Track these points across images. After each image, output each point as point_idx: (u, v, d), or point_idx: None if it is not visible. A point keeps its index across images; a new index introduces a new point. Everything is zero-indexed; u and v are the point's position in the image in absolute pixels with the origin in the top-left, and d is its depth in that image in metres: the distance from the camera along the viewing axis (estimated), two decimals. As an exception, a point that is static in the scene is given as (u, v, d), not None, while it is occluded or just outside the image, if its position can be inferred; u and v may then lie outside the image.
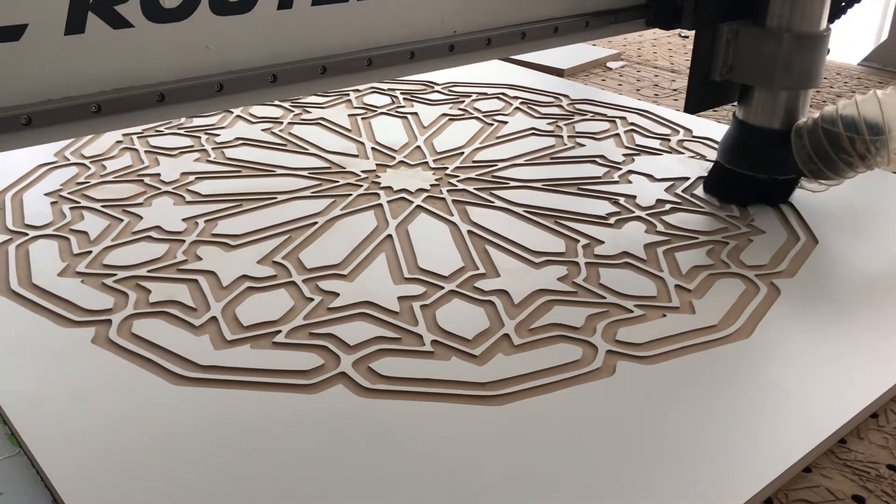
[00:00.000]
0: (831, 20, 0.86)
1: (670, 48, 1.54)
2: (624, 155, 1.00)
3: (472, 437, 0.55)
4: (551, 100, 1.18)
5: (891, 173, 0.96)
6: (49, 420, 0.55)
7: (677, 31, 1.66)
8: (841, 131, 0.79)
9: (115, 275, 0.72)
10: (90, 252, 0.76)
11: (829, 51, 0.84)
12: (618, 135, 1.06)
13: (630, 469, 0.52)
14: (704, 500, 0.50)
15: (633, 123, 1.10)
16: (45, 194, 0.87)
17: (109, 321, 0.66)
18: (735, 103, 0.90)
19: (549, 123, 1.09)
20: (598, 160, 0.98)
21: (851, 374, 0.62)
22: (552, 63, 1.37)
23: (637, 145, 1.03)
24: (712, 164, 0.92)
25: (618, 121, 1.10)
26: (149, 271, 0.73)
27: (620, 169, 0.96)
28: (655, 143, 1.04)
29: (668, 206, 0.87)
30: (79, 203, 0.85)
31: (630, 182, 0.93)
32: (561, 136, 1.05)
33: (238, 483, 0.50)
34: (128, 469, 0.51)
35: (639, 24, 0.91)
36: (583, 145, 1.02)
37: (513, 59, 1.38)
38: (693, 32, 0.87)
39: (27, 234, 0.79)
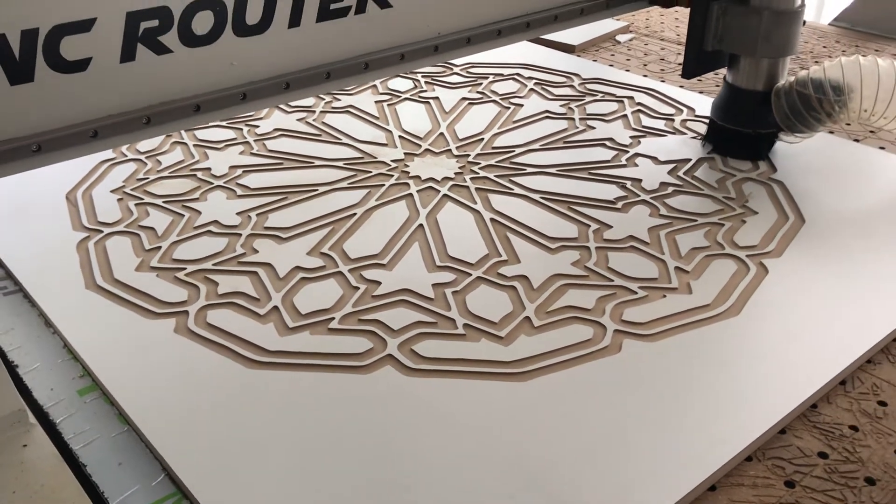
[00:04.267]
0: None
1: (677, 17, 1.61)
2: (631, 137, 1.08)
3: (502, 409, 0.66)
4: (563, 80, 1.27)
5: (883, 153, 1.04)
6: (150, 402, 0.66)
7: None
8: (811, 93, 0.94)
9: (185, 268, 0.83)
10: (160, 247, 0.86)
11: (804, 23, 0.97)
12: (625, 116, 1.14)
13: (636, 432, 0.63)
14: (697, 458, 0.61)
15: (639, 103, 1.18)
16: (111, 191, 0.97)
17: (186, 312, 0.77)
18: (725, 68, 1.05)
19: (561, 105, 1.18)
20: (607, 143, 1.07)
21: (824, 347, 0.72)
22: (563, 38, 1.44)
23: (644, 127, 1.11)
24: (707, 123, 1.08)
25: (625, 101, 1.19)
26: (214, 264, 0.83)
27: (628, 152, 1.05)
28: (660, 124, 1.12)
29: (670, 189, 0.96)
30: (142, 199, 0.95)
31: (636, 165, 1.02)
32: (573, 119, 1.14)
33: (311, 451, 0.62)
34: (222, 443, 0.62)
35: (642, 3, 1.06)
36: (593, 128, 1.11)
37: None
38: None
39: (102, 231, 0.89)
